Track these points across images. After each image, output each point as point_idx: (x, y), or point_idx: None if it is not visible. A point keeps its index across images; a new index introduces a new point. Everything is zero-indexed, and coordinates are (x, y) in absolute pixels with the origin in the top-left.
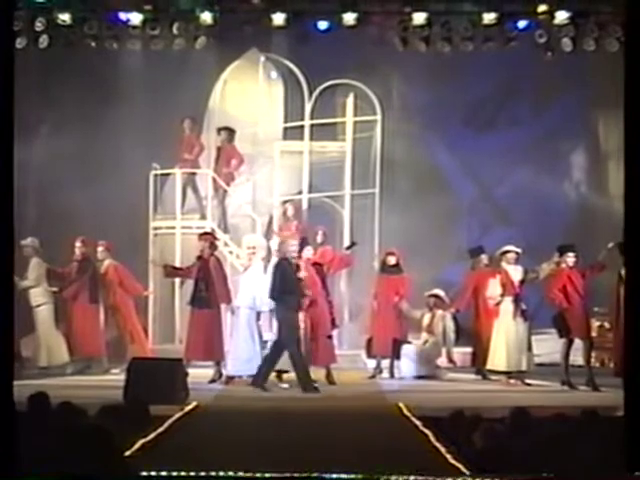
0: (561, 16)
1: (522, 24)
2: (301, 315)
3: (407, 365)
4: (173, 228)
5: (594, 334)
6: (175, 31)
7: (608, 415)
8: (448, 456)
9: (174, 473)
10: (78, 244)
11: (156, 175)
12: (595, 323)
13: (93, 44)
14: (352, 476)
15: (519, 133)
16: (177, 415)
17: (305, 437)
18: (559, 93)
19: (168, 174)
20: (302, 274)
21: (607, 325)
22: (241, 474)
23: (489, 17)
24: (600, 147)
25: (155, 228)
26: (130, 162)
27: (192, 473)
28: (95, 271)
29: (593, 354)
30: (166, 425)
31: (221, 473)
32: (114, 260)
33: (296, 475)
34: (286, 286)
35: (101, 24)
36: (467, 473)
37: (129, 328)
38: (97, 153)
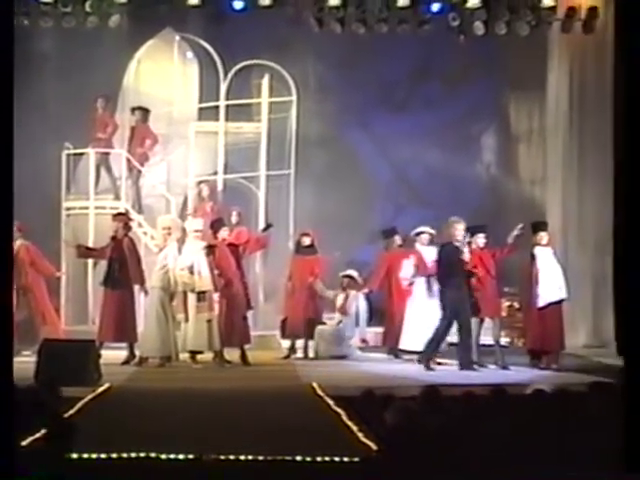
0: None
1: (435, 7)
2: (216, 296)
3: (321, 345)
4: (86, 208)
5: (504, 314)
6: (88, 9)
7: (517, 393)
8: (360, 434)
9: (85, 455)
10: None
11: (69, 155)
12: (505, 303)
13: None
14: (263, 457)
15: (433, 115)
16: (89, 397)
17: (219, 418)
18: (472, 76)
19: (81, 154)
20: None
21: (516, 305)
22: (153, 455)
23: None
24: (511, 129)
25: (68, 208)
26: (42, 141)
27: (103, 455)
28: None
29: (502, 333)
30: (78, 407)
31: (133, 455)
32: (26, 240)
33: (209, 456)
34: (452, 268)
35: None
36: (378, 451)
37: (41, 309)
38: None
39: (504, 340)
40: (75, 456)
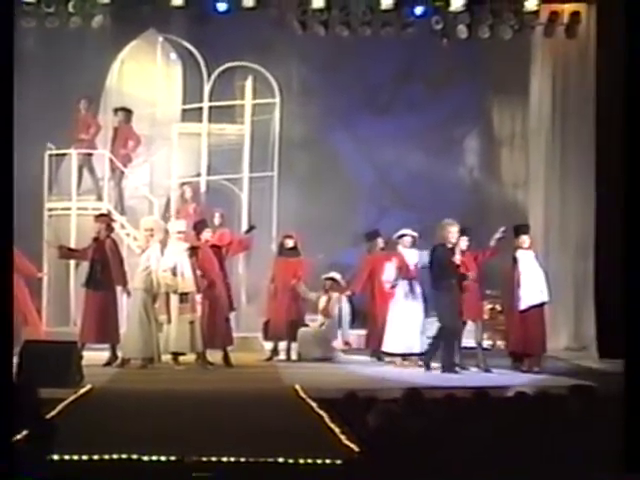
0: (457, 3)
1: (419, 10)
2: (198, 298)
3: (303, 347)
4: (68, 209)
5: (486, 316)
6: (71, 9)
7: (498, 396)
8: (342, 437)
9: (66, 457)
10: None
11: (51, 155)
12: (487, 306)
13: None
14: (245, 459)
15: (416, 118)
16: (71, 398)
17: (201, 420)
18: (455, 79)
19: (63, 154)
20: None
21: (498, 307)
22: (135, 457)
23: (387, 2)
24: (494, 133)
25: (50, 209)
26: (25, 142)
27: (85, 457)
28: None
29: (484, 336)
30: (59, 408)
31: (115, 456)
32: None
33: (191, 458)
34: (443, 270)
35: None
36: (360, 453)
37: (22, 310)
38: None
39: (486, 343)
40: (57, 457)
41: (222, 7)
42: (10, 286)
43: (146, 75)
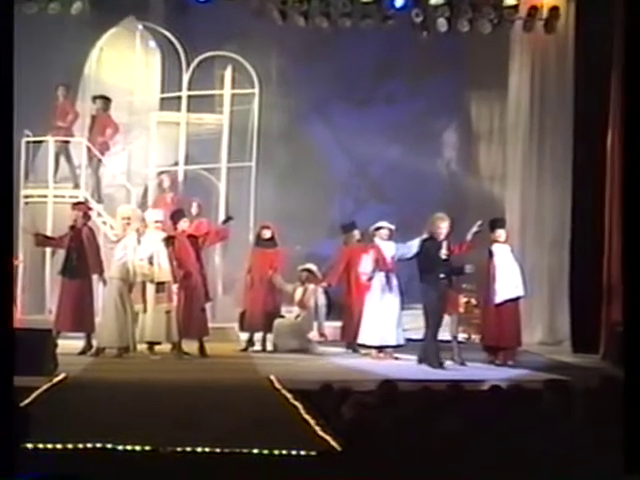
0: None
1: (399, 3)
2: (174, 287)
3: (279, 339)
4: (45, 197)
5: (461, 310)
6: None
7: (473, 389)
8: (317, 428)
9: (40, 445)
10: None
11: (28, 142)
12: (462, 299)
13: None
14: (220, 450)
15: (395, 111)
16: (45, 387)
17: (176, 410)
18: (434, 73)
19: (41, 141)
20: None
21: (474, 301)
22: (109, 446)
23: None
24: (472, 127)
25: (26, 196)
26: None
27: (59, 445)
28: None
29: (460, 329)
30: (33, 396)
31: (89, 445)
32: None
33: (165, 448)
34: (430, 264)
35: None
36: (335, 445)
37: None
38: None
39: (461, 336)
40: (30, 446)
41: None
42: (10, 281)
43: (125, 63)
